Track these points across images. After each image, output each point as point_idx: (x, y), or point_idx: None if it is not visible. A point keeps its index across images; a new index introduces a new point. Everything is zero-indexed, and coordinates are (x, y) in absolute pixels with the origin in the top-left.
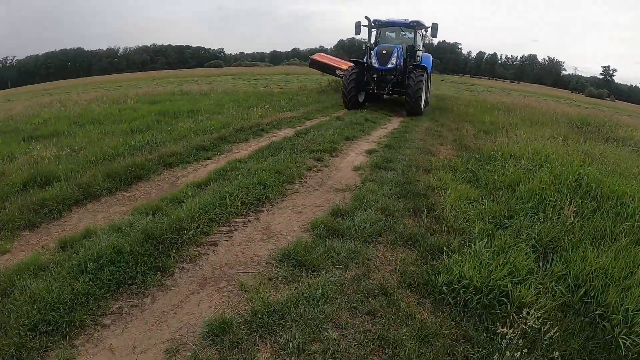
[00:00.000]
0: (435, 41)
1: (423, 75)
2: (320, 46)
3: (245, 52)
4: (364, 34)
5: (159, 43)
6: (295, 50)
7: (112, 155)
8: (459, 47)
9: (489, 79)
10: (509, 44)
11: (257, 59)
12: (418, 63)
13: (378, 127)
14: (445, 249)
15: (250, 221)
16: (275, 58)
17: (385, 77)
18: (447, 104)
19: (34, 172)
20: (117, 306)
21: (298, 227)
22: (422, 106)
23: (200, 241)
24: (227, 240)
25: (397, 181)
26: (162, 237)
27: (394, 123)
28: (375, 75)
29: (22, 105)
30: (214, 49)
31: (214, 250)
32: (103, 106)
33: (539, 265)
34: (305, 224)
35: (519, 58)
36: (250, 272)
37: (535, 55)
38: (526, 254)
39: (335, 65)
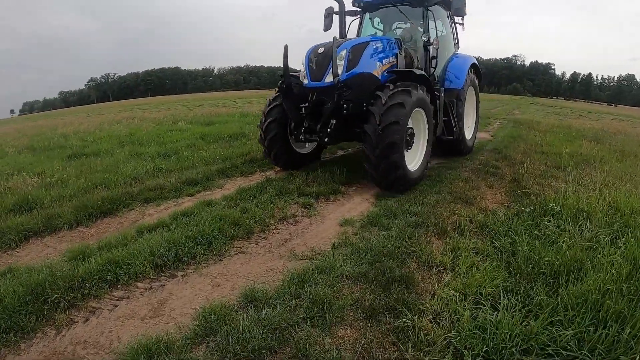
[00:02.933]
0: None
1: (406, 99)
2: None
3: None
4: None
5: (252, 64)
6: None
7: (104, 184)
8: (552, 67)
9: (584, 101)
10: (603, 64)
11: None
12: (435, 70)
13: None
14: None
15: (152, 289)
16: None
17: (323, 102)
18: (521, 131)
19: (21, 197)
20: None
21: (194, 310)
22: (416, 171)
23: (81, 305)
24: (109, 310)
25: (380, 250)
26: (49, 292)
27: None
28: (304, 104)
29: (97, 120)
30: None
31: (87, 320)
32: (153, 126)
33: None
34: (206, 307)
35: (615, 78)
36: None
37: (634, 75)
38: None
39: None
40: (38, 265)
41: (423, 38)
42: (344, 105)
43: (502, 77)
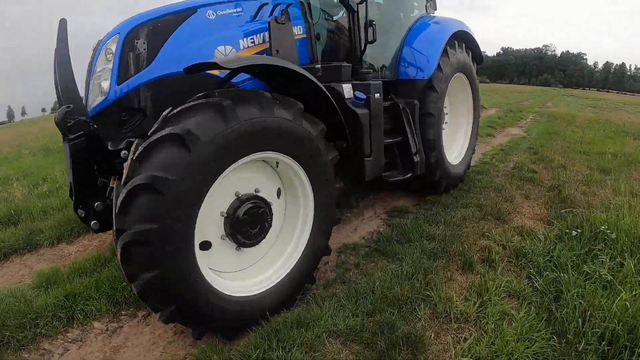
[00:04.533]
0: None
1: (185, 151)
2: None
3: None
4: None
5: None
6: None
7: None
8: (584, 57)
9: (617, 93)
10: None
11: None
12: (364, 50)
13: None
14: None
15: (108, 330)
16: None
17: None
18: (557, 126)
19: (9, 209)
20: None
21: None
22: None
23: (31, 347)
24: (59, 355)
25: (384, 294)
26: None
27: None
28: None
29: None
30: None
31: None
32: None
33: None
34: None
35: None
36: None
37: None
38: None
39: None
40: (3, 292)
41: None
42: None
43: (533, 67)
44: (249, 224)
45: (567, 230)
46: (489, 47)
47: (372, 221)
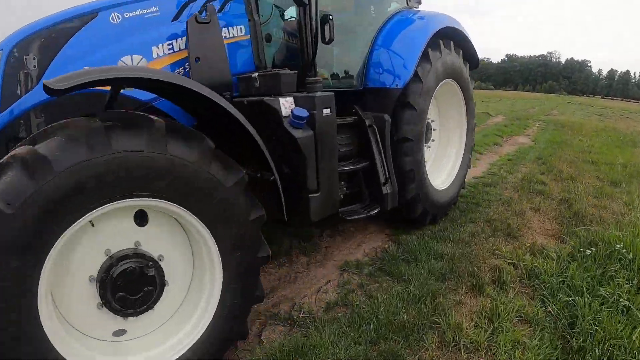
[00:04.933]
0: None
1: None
2: None
3: None
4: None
5: None
6: None
7: None
8: (589, 64)
9: (622, 100)
10: None
11: None
12: (314, 53)
13: None
14: None
15: None
16: None
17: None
18: (564, 135)
19: None
20: None
21: None
22: None
23: None
24: None
25: (389, 320)
26: None
27: None
28: None
29: None
30: None
31: None
32: None
33: None
34: None
35: None
36: None
37: None
38: None
39: None
40: None
41: None
42: None
43: (538, 74)
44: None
45: (581, 249)
46: (493, 53)
47: (377, 236)
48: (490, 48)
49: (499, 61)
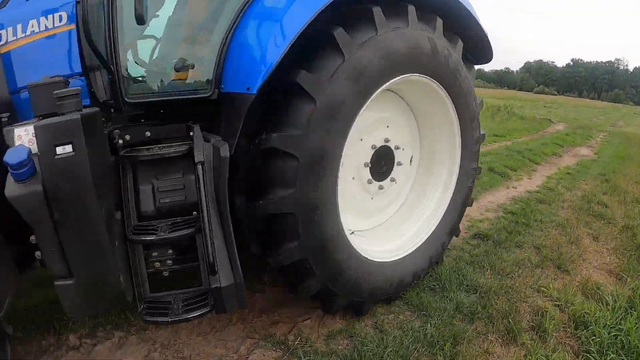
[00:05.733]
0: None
1: None
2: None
3: None
4: None
5: None
6: None
7: None
8: None
9: None
10: None
11: None
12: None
13: None
14: None
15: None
16: None
17: None
18: (631, 150)
19: None
20: None
21: None
22: None
23: None
24: None
25: None
26: None
27: None
28: None
29: None
30: None
31: None
32: None
33: None
34: None
35: None
36: None
37: None
38: None
39: None
40: None
41: None
42: None
43: (604, 82)
44: None
45: None
46: (558, 57)
47: None
48: (554, 51)
49: (564, 65)
